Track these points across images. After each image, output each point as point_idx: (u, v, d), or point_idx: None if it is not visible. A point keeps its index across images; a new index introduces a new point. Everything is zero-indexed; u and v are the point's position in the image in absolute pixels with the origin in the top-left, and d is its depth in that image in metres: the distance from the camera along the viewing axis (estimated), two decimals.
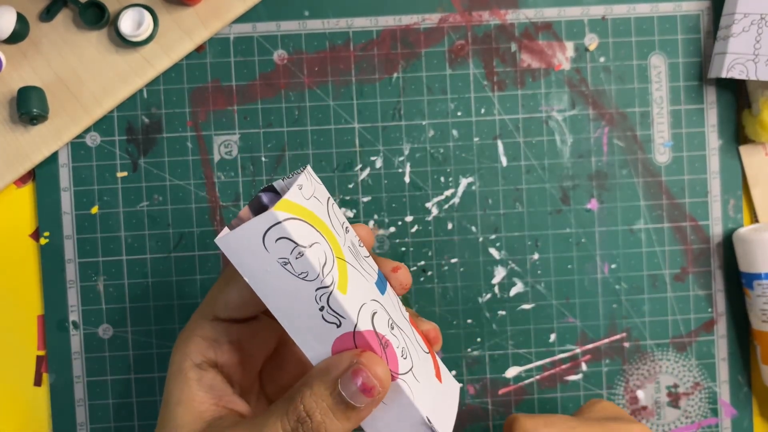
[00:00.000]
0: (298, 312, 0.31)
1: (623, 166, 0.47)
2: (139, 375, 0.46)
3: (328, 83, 0.47)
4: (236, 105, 0.46)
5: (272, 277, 0.30)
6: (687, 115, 0.48)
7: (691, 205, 0.48)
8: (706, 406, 0.48)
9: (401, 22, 0.47)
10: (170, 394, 0.34)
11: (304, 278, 0.31)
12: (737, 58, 0.45)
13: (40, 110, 0.43)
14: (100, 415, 0.46)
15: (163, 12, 0.45)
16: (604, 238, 0.47)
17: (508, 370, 0.48)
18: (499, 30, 0.47)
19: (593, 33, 0.47)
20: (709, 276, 0.48)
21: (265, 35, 0.46)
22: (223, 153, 0.46)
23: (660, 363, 0.48)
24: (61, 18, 0.45)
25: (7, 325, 0.46)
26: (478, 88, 0.47)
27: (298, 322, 0.31)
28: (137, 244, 0.46)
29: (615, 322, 0.48)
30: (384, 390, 0.30)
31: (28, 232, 0.46)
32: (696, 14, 0.47)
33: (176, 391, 0.34)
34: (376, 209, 0.47)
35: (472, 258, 0.47)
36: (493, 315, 0.47)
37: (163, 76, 0.46)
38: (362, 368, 0.29)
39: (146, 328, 0.46)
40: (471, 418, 0.48)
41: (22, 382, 0.46)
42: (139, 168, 0.46)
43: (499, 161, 0.47)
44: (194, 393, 0.34)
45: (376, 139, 0.47)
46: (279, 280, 0.30)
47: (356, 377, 0.29)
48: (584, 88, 0.47)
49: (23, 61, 0.45)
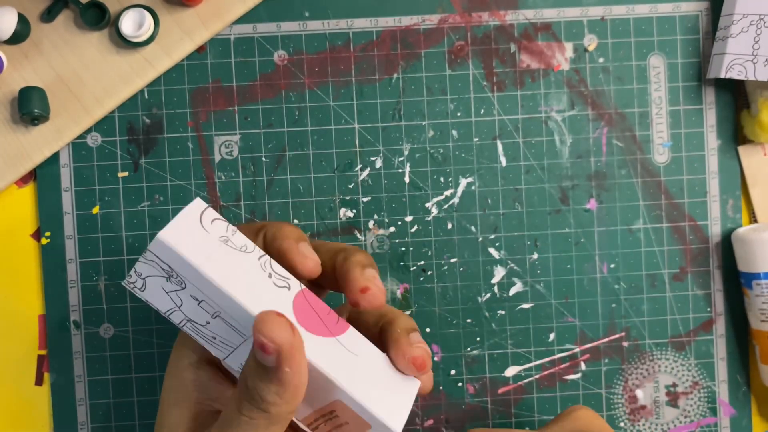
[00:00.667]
0: (253, 285, 0.32)
1: (622, 166, 0.48)
2: (139, 374, 0.47)
3: (328, 84, 0.47)
4: (237, 105, 0.47)
5: (220, 256, 0.31)
6: (686, 115, 0.48)
7: (690, 205, 0.48)
8: (704, 406, 0.48)
9: (401, 22, 0.47)
10: (167, 393, 0.34)
11: (245, 251, 0.32)
12: (736, 59, 0.45)
13: (41, 110, 0.43)
14: (101, 415, 0.46)
15: (163, 13, 0.45)
16: (603, 237, 0.48)
17: (507, 370, 0.48)
18: (499, 31, 0.47)
19: (592, 34, 0.47)
20: (708, 276, 0.48)
21: (265, 36, 0.47)
22: (223, 153, 0.47)
23: (659, 362, 0.48)
24: (62, 19, 0.45)
25: (8, 325, 0.46)
26: (478, 88, 0.47)
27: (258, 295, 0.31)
28: (138, 244, 0.46)
29: (614, 321, 0.48)
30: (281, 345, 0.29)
31: (29, 232, 0.46)
32: (695, 15, 0.47)
33: (172, 391, 0.34)
34: (376, 209, 0.47)
35: (472, 258, 0.47)
36: (493, 314, 0.47)
37: (163, 76, 0.46)
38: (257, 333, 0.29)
39: (147, 328, 0.46)
40: (471, 418, 0.48)
41: (23, 382, 0.46)
42: (140, 168, 0.46)
43: (499, 161, 0.47)
44: (189, 393, 0.34)
45: (376, 139, 0.47)
46: (226, 257, 0.31)
47: (255, 337, 0.29)
48: (583, 88, 0.47)
49: (24, 61, 0.45)
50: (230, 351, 0.32)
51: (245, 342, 0.32)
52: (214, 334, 0.32)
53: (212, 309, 0.31)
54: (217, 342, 0.32)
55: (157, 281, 0.31)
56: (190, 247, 0.30)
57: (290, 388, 0.30)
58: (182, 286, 0.31)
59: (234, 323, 0.31)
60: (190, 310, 0.31)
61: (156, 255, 0.30)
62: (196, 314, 0.32)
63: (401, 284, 0.47)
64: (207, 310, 0.31)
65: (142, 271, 0.31)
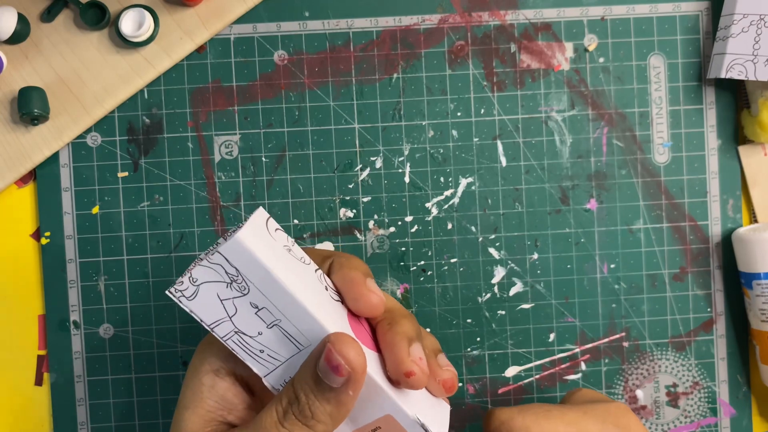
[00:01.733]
0: (316, 294, 0.32)
1: (622, 166, 0.48)
2: (139, 374, 0.47)
3: (328, 84, 0.47)
4: (237, 105, 0.47)
5: (285, 263, 0.31)
6: (686, 115, 0.48)
7: (690, 205, 0.48)
8: (705, 406, 0.48)
9: (401, 22, 0.47)
10: (183, 396, 0.34)
11: (304, 262, 0.33)
12: (736, 59, 0.45)
13: (41, 110, 0.43)
14: (101, 415, 0.46)
15: (163, 12, 0.45)
16: (603, 238, 0.48)
17: (507, 370, 0.48)
18: (499, 31, 0.47)
19: (592, 33, 0.47)
20: (708, 276, 0.48)
21: (265, 36, 0.47)
22: (223, 153, 0.47)
23: (659, 362, 0.48)
24: (62, 18, 0.45)
25: (8, 325, 0.46)
26: (478, 88, 0.47)
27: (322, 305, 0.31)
28: (138, 244, 0.46)
29: (614, 321, 0.48)
30: (355, 369, 0.30)
31: (29, 232, 0.46)
32: (695, 15, 0.47)
33: (189, 394, 0.34)
34: (376, 209, 0.47)
35: (472, 258, 0.47)
36: (493, 315, 0.47)
37: (163, 76, 0.46)
38: (330, 346, 0.30)
39: (147, 328, 0.46)
40: (471, 418, 0.48)
41: (23, 382, 0.46)
42: (139, 168, 0.46)
43: (499, 161, 0.47)
44: (204, 400, 0.34)
45: (376, 139, 0.47)
46: (290, 264, 0.31)
47: (328, 356, 0.30)
48: (583, 88, 0.47)
49: (24, 61, 0.45)
50: (275, 366, 0.32)
51: (297, 354, 0.31)
52: (263, 347, 0.31)
53: (271, 317, 0.31)
54: (263, 356, 0.31)
55: (214, 288, 0.30)
56: (263, 251, 0.30)
57: (344, 411, 0.30)
58: (244, 293, 0.30)
59: (293, 332, 0.31)
60: (243, 319, 0.31)
61: (226, 257, 0.30)
62: (250, 324, 0.31)
63: (401, 284, 0.47)
64: (264, 318, 0.31)
65: (198, 277, 0.30)
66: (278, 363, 0.32)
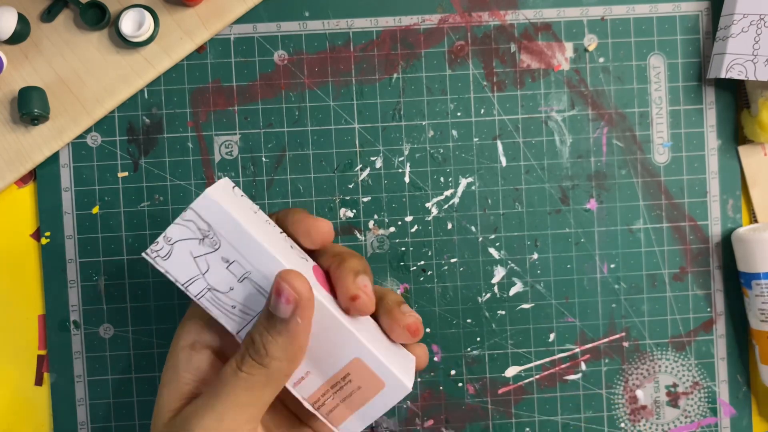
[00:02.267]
0: (282, 249, 0.33)
1: (622, 166, 0.48)
2: (139, 374, 0.47)
3: (328, 84, 0.47)
4: (237, 105, 0.47)
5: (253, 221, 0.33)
6: (686, 115, 0.48)
7: (690, 205, 0.48)
8: (705, 406, 0.48)
9: (401, 22, 0.47)
10: (163, 375, 0.35)
11: (269, 224, 0.35)
12: (736, 59, 0.45)
13: (41, 110, 0.43)
14: (101, 415, 0.46)
15: (163, 12, 0.45)
16: (603, 237, 0.48)
17: (507, 370, 0.48)
18: (499, 31, 0.47)
19: (592, 33, 0.47)
20: (708, 276, 0.48)
21: (265, 36, 0.47)
22: (223, 153, 0.47)
23: (659, 362, 0.48)
24: (62, 18, 0.45)
25: (8, 325, 0.46)
26: (478, 88, 0.47)
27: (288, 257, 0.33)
28: (138, 244, 0.46)
29: (614, 321, 0.48)
30: (300, 294, 0.31)
31: (29, 232, 0.46)
32: (695, 15, 0.47)
33: (166, 372, 0.35)
34: (376, 209, 0.47)
35: (472, 258, 0.47)
36: (493, 315, 0.47)
37: (163, 76, 0.46)
38: (280, 281, 0.31)
39: (147, 328, 0.46)
40: (471, 418, 0.48)
41: (23, 382, 0.46)
42: (139, 168, 0.46)
43: (499, 161, 0.47)
44: (180, 374, 0.35)
45: (376, 139, 0.47)
46: (258, 222, 0.34)
47: (276, 288, 0.31)
48: (583, 88, 0.47)
49: (24, 61, 0.45)
50: (246, 322, 0.33)
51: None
52: (235, 302, 0.33)
53: (242, 270, 0.32)
54: (236, 311, 0.33)
55: (187, 246, 0.32)
56: (231, 206, 0.32)
57: (296, 343, 0.31)
58: (215, 248, 0.32)
59: (263, 283, 0.32)
60: (215, 275, 0.32)
61: (197, 213, 0.32)
62: (221, 279, 0.32)
63: (401, 284, 0.47)
64: (235, 272, 0.32)
65: (173, 236, 0.32)
66: (249, 318, 0.33)
